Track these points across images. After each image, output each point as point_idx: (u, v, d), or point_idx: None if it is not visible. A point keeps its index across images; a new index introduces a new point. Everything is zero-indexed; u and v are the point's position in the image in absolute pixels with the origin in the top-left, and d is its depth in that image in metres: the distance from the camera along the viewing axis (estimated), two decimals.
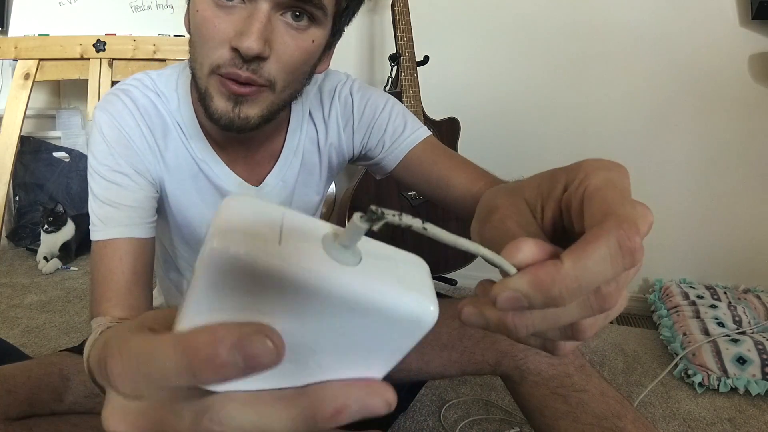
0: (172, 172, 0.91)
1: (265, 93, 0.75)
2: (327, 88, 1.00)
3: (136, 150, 0.86)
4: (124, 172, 0.84)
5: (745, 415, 1.50)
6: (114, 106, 0.86)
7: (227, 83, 0.72)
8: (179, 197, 0.94)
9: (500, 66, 2.35)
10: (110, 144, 0.84)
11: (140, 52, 2.41)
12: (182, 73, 0.91)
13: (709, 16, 2.07)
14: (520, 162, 2.35)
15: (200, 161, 0.91)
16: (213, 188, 0.94)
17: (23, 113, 2.42)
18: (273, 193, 0.98)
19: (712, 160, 2.17)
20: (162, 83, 0.90)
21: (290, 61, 0.74)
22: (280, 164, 0.97)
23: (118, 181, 0.84)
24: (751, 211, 2.16)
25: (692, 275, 2.24)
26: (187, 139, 0.90)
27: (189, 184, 0.93)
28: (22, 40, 2.40)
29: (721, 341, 1.68)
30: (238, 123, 0.75)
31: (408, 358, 0.84)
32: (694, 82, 2.14)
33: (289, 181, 1.00)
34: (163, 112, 0.89)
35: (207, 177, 0.93)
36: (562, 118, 2.30)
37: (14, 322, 1.86)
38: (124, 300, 0.79)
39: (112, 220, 0.82)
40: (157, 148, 0.89)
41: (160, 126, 0.89)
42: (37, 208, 2.76)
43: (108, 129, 0.85)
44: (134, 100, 0.87)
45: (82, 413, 0.88)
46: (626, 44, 2.18)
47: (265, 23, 0.69)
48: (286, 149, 0.98)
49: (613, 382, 1.63)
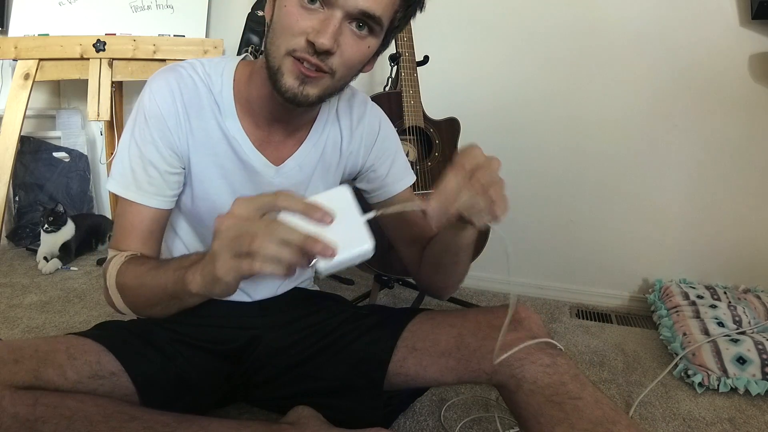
0: (202, 147, 1.05)
1: (326, 79, 0.92)
2: (359, 100, 1.20)
3: (169, 126, 1.01)
4: (156, 145, 1.01)
5: (745, 415, 1.50)
6: (157, 83, 1.02)
7: (299, 65, 0.89)
8: (203, 170, 1.06)
9: (500, 66, 2.35)
10: (147, 116, 1.01)
11: (140, 52, 2.41)
12: (229, 63, 1.08)
13: (708, 16, 2.07)
14: (520, 161, 2.36)
15: (232, 139, 1.05)
16: (239, 163, 1.07)
17: (23, 113, 2.42)
18: (290, 174, 1.11)
19: (712, 159, 2.17)
20: (211, 68, 1.06)
21: (350, 58, 0.92)
22: (301, 151, 1.11)
23: (150, 151, 1.01)
24: (750, 210, 2.15)
25: (692, 275, 2.24)
26: (223, 119, 1.04)
27: (215, 160, 1.06)
28: (22, 40, 2.40)
29: (721, 341, 1.68)
30: (300, 98, 0.92)
31: (407, 363, 0.99)
32: (694, 82, 2.14)
33: (305, 169, 1.12)
34: (203, 92, 1.04)
35: (236, 153, 1.06)
36: (562, 118, 2.30)
37: (14, 322, 1.86)
38: (139, 246, 1.03)
39: (142, 187, 1.01)
40: (189, 126, 1.03)
41: (197, 104, 1.03)
42: (37, 208, 2.76)
43: (148, 102, 1.01)
44: (178, 78, 1.02)
45: (85, 393, 0.91)
46: (626, 44, 2.18)
47: (338, 27, 0.87)
48: (308, 140, 1.12)
49: (612, 382, 1.64)
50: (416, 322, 1.11)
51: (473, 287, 2.43)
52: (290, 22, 0.88)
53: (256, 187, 1.08)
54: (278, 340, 1.16)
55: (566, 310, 2.26)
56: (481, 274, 2.41)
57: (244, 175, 1.07)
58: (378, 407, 1.10)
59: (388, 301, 2.27)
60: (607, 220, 2.33)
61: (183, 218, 1.15)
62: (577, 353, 1.84)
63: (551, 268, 2.43)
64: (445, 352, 1.04)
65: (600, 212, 2.33)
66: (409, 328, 1.10)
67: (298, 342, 1.16)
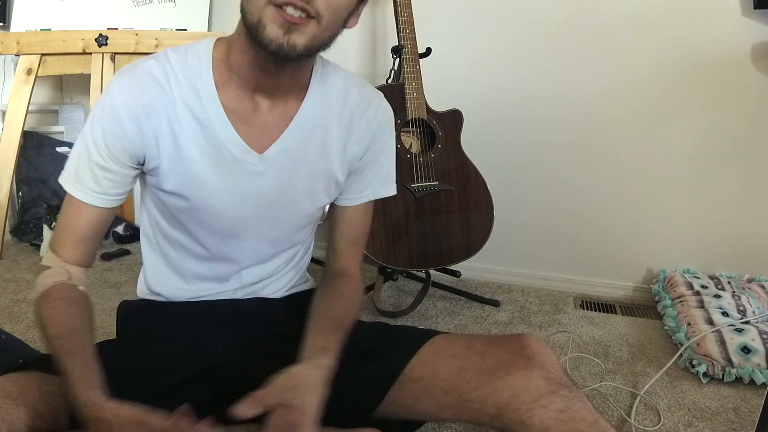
0: (180, 133, 0.96)
1: (312, 24, 0.84)
2: (368, 93, 1.09)
3: (125, 127, 0.94)
4: (108, 145, 0.94)
5: (750, 405, 1.50)
6: (116, 82, 0.96)
7: (282, 12, 0.81)
8: (170, 168, 0.99)
9: (502, 57, 2.35)
10: (103, 116, 0.94)
11: (142, 47, 2.41)
12: (207, 42, 1.00)
13: (711, 6, 2.06)
14: (522, 152, 2.35)
15: (208, 126, 0.97)
16: (215, 153, 0.98)
17: (26, 108, 2.42)
18: (275, 160, 1.01)
19: (715, 149, 2.16)
20: (188, 52, 0.98)
21: (336, 2, 0.85)
22: (286, 134, 1.01)
23: (100, 152, 0.95)
24: (754, 200, 2.15)
25: (696, 265, 2.24)
26: (202, 102, 0.96)
27: (195, 143, 0.97)
28: (24, 35, 2.40)
29: (725, 331, 1.68)
30: (286, 48, 0.84)
31: (399, 393, 0.91)
32: (696, 72, 2.13)
33: (292, 154, 1.02)
34: (173, 83, 0.96)
35: (212, 142, 0.97)
36: (565, 109, 2.30)
37: (18, 317, 1.86)
38: (72, 251, 1.00)
39: (86, 185, 0.96)
40: (151, 124, 0.95)
41: (162, 99, 0.95)
42: (40, 204, 2.77)
43: (106, 101, 0.94)
44: (140, 76, 0.95)
45: None
46: (628, 34, 2.17)
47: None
48: (295, 121, 1.01)
49: (617, 373, 1.64)
50: (419, 353, 0.98)
51: (477, 278, 2.43)
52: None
53: (236, 179, 0.99)
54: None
55: (570, 301, 2.26)
56: (485, 266, 2.41)
57: (222, 167, 0.99)
58: None
59: (392, 293, 2.28)
60: (610, 211, 2.33)
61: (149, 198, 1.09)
62: (581, 344, 1.85)
63: (555, 259, 2.43)
64: (443, 386, 0.92)
65: (603, 203, 2.33)
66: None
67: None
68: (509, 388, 0.85)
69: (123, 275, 2.34)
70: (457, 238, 1.98)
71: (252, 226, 1.05)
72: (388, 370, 0.97)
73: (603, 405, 1.49)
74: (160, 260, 1.11)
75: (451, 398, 0.91)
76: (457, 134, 2.03)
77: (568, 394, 0.84)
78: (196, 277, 1.09)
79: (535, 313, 2.11)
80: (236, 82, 0.97)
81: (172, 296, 1.11)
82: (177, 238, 1.07)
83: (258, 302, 1.13)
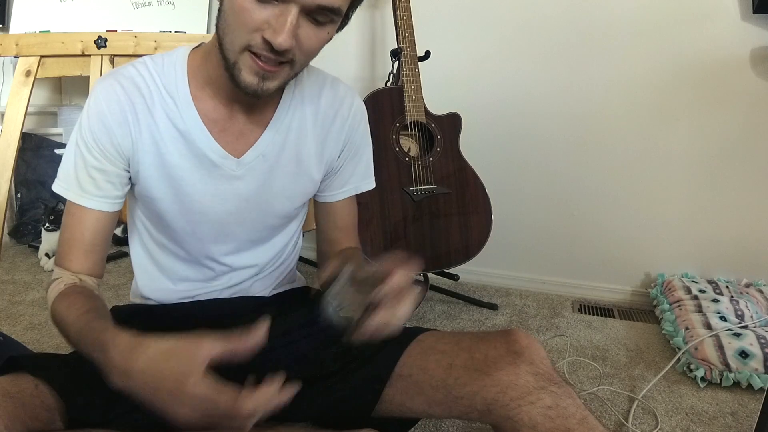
0: (160, 141, 0.99)
1: (286, 69, 0.88)
2: (341, 91, 1.10)
3: (113, 130, 0.96)
4: (101, 148, 0.97)
5: (747, 409, 1.50)
6: (101, 86, 0.98)
7: (257, 61, 0.84)
8: (150, 174, 1.01)
9: (501, 60, 2.35)
10: (91, 120, 0.96)
11: (141, 49, 2.40)
12: (182, 51, 1.03)
13: (710, 11, 2.07)
14: (521, 155, 2.35)
15: (187, 133, 0.99)
16: (195, 159, 1.00)
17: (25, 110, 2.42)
18: (253, 164, 1.03)
19: (714, 154, 2.16)
20: (165, 60, 1.02)
21: (310, 48, 0.87)
22: (263, 139, 1.03)
23: (94, 156, 0.97)
24: (752, 204, 2.15)
25: (694, 269, 2.24)
26: (179, 111, 0.99)
27: (175, 150, 1.00)
28: (23, 37, 2.39)
29: (723, 335, 1.68)
30: (261, 92, 0.88)
31: (390, 390, 0.91)
32: (695, 76, 2.13)
33: (269, 158, 1.04)
34: (153, 89, 0.99)
35: (191, 148, 1.00)
36: (564, 113, 2.30)
37: (17, 319, 1.86)
38: (81, 261, 1.00)
39: (86, 190, 0.98)
40: (138, 127, 0.98)
41: (143, 104, 0.98)
42: (38, 206, 2.77)
43: (92, 106, 0.97)
44: (123, 81, 0.98)
45: None
46: (628, 39, 2.17)
47: (295, 24, 0.81)
48: (271, 126, 1.04)
49: (615, 377, 1.64)
50: (407, 350, 0.99)
51: (475, 282, 2.43)
52: (244, 17, 0.81)
53: (216, 183, 1.02)
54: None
55: (568, 305, 2.26)
56: (483, 269, 2.41)
57: (202, 172, 1.01)
58: None
59: None
60: (609, 215, 2.33)
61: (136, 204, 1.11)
62: (579, 348, 1.84)
63: (553, 263, 2.43)
64: (432, 383, 0.92)
65: (602, 206, 2.33)
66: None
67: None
68: (497, 383, 0.85)
69: (121, 277, 2.34)
70: (456, 241, 1.98)
71: (234, 228, 1.08)
72: (380, 373, 0.96)
73: (600, 409, 1.48)
74: (149, 263, 1.13)
75: (441, 394, 0.90)
76: (455, 138, 2.03)
77: (557, 391, 0.83)
78: (183, 279, 1.12)
79: (533, 317, 2.11)
80: (213, 90, 0.99)
81: (161, 298, 1.13)
82: (162, 242, 1.10)
83: (246, 300, 1.15)
